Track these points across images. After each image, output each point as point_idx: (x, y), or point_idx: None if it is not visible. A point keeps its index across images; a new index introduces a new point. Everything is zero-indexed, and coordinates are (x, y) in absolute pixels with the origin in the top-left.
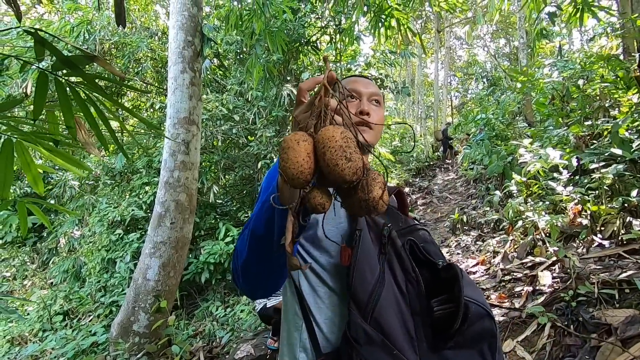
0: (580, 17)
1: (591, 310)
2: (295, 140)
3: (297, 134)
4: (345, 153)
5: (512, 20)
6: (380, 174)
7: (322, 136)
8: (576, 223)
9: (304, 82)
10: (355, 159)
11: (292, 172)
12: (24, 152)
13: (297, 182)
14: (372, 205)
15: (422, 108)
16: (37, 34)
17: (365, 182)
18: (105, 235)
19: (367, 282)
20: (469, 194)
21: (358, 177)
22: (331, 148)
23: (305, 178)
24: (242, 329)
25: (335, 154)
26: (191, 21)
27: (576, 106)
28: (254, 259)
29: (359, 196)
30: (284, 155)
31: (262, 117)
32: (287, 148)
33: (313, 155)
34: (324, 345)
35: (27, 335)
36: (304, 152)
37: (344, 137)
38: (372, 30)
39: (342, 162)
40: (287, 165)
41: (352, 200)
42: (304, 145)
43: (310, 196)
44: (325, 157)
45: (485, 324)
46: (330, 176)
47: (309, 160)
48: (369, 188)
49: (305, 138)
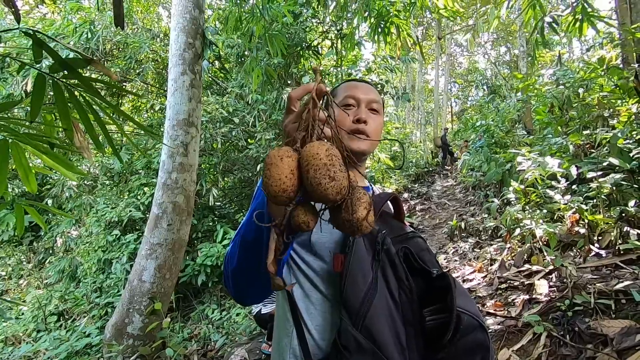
0: (580, 27)
1: (587, 320)
2: (279, 157)
3: (281, 149)
4: (329, 172)
5: (513, 29)
6: (366, 193)
7: (307, 153)
8: (573, 232)
9: (294, 90)
10: (339, 177)
11: (274, 189)
12: (19, 152)
13: (280, 200)
14: (355, 226)
15: (422, 114)
16: (36, 35)
17: (350, 201)
18: (102, 236)
19: (359, 289)
20: (467, 200)
21: (342, 197)
22: (314, 166)
23: (288, 196)
24: (237, 332)
25: (319, 172)
26: (192, 24)
27: (575, 115)
28: (243, 267)
29: (343, 216)
30: (266, 172)
31: (262, 120)
32: (270, 164)
33: (297, 172)
34: (315, 352)
35: (21, 335)
36: (287, 169)
37: (328, 154)
38: (372, 35)
39: (325, 182)
40: (269, 182)
41: (338, 218)
42: (287, 162)
43: (294, 214)
44: (309, 175)
45: (478, 336)
46: (314, 195)
47: (292, 178)
48: (353, 208)
49: (290, 154)
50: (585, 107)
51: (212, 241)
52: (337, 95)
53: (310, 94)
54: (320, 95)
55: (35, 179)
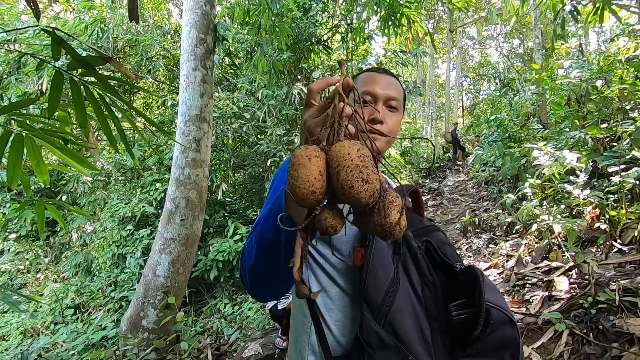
0: (600, 15)
1: (612, 318)
2: (307, 157)
3: (308, 148)
4: (362, 174)
5: (527, 20)
6: (398, 195)
7: (337, 153)
8: (594, 228)
9: (315, 83)
10: (372, 180)
11: (303, 192)
12: (33, 147)
13: (308, 203)
14: (388, 231)
15: (433, 109)
16: (54, 33)
17: (382, 205)
18: (116, 231)
19: (381, 284)
20: (480, 196)
21: (374, 200)
22: (346, 167)
23: (317, 198)
24: (249, 327)
25: (351, 174)
26: (204, 19)
27: (594, 108)
28: (261, 265)
29: (375, 220)
30: (293, 173)
31: (272, 116)
32: (298, 165)
33: (326, 173)
34: (334, 349)
35: (40, 327)
36: (316, 170)
37: (360, 155)
38: (383, 28)
39: (358, 185)
40: (297, 184)
41: (367, 222)
42: (315, 162)
43: (321, 217)
44: (340, 177)
45: (508, 331)
46: (344, 198)
47: (320, 179)
48: (385, 212)
49: (317, 154)
50: (604, 99)
51: (223, 236)
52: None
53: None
54: (347, 90)
55: (47, 171)
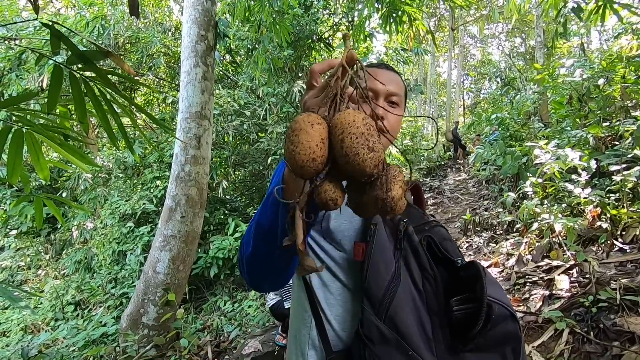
0: (602, 14)
1: (613, 317)
2: (309, 122)
3: (310, 115)
4: (368, 142)
5: (529, 19)
6: (401, 170)
7: (341, 120)
8: (595, 226)
9: (317, 64)
10: (377, 149)
11: (303, 158)
12: (33, 143)
13: (307, 172)
14: (390, 206)
15: (434, 107)
16: (54, 27)
17: (385, 178)
18: (116, 228)
19: (382, 279)
20: (480, 194)
21: (378, 172)
22: (351, 134)
23: (317, 167)
24: (249, 324)
25: (357, 141)
26: (205, 15)
27: (595, 107)
28: (258, 254)
29: (376, 194)
30: (293, 138)
31: (272, 114)
32: (299, 130)
33: (327, 142)
34: (335, 343)
35: (40, 323)
36: (318, 137)
37: (366, 123)
38: (384, 26)
39: (363, 152)
40: (297, 150)
41: (366, 198)
42: (318, 129)
43: (321, 190)
44: (344, 145)
45: (509, 326)
46: (348, 166)
47: (322, 147)
48: (388, 186)
49: (320, 121)
50: (605, 98)
51: (223, 234)
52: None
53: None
54: (351, 63)
55: (47, 167)
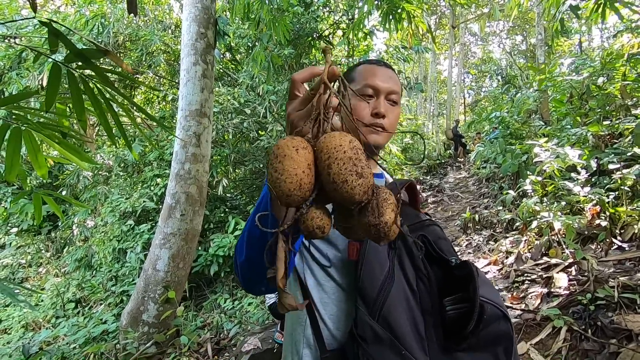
0: (602, 12)
1: (610, 314)
2: (294, 147)
3: (294, 139)
4: (356, 167)
5: (530, 17)
6: (391, 193)
7: (327, 144)
8: (594, 225)
9: (298, 73)
10: (366, 174)
11: (289, 187)
12: (31, 140)
13: (294, 200)
14: (382, 232)
15: (435, 105)
16: (52, 25)
17: (376, 203)
18: (116, 226)
19: (376, 278)
20: (481, 192)
21: (368, 197)
22: (338, 160)
23: (304, 195)
24: (249, 321)
25: (344, 167)
26: (204, 13)
27: (596, 105)
28: (251, 262)
29: (368, 220)
30: (277, 166)
31: (273, 112)
32: (283, 156)
33: (314, 167)
34: (329, 342)
35: (41, 321)
36: (304, 163)
37: (353, 147)
38: (384, 23)
39: (352, 179)
40: (282, 178)
41: (355, 222)
42: (303, 154)
43: (308, 217)
44: (331, 171)
45: (502, 326)
46: (336, 194)
47: (309, 173)
48: (380, 211)
49: (305, 145)
50: (606, 96)
51: (224, 232)
52: (355, 80)
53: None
54: (333, 79)
55: (45, 164)
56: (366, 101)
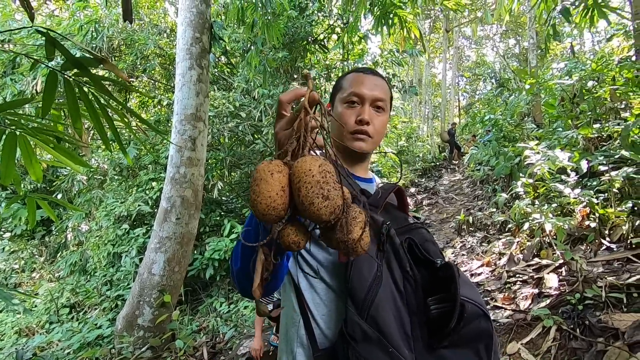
0: (591, 18)
1: (598, 314)
2: (269, 172)
3: (271, 163)
4: (323, 190)
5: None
6: (361, 211)
7: (298, 169)
8: (584, 226)
9: (285, 94)
10: (333, 196)
11: (263, 207)
12: (26, 145)
13: (269, 219)
14: (351, 247)
15: (430, 108)
16: (48, 34)
17: (345, 221)
18: (111, 230)
19: (365, 280)
20: (475, 195)
21: (336, 217)
22: (307, 184)
23: (278, 214)
24: (245, 325)
25: (311, 190)
26: (199, 18)
27: (586, 108)
28: (246, 269)
29: (338, 237)
30: (255, 188)
31: (268, 115)
32: (260, 180)
33: (288, 189)
34: (321, 341)
35: (35, 326)
36: (278, 186)
37: (322, 170)
38: (376, 28)
39: (318, 201)
40: (258, 200)
41: (330, 237)
42: (278, 177)
43: (284, 233)
44: (300, 194)
45: (482, 324)
46: (305, 214)
47: (283, 195)
48: (348, 228)
49: (280, 169)
50: (596, 100)
51: (219, 235)
52: (343, 88)
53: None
54: (313, 104)
55: (40, 169)
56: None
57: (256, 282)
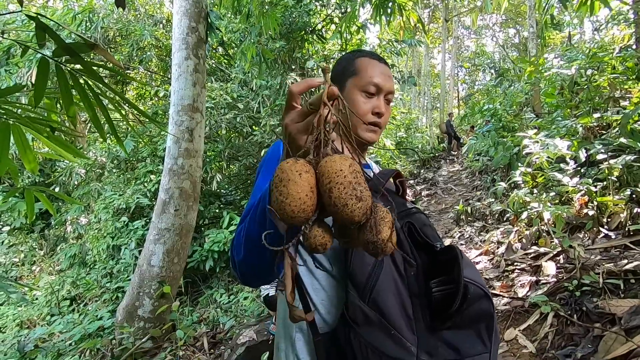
0: (591, 5)
1: (595, 300)
2: (297, 172)
3: (297, 163)
4: (356, 191)
5: (522, 10)
6: (388, 211)
7: (328, 169)
8: (582, 214)
9: (295, 85)
10: (365, 197)
11: (293, 209)
12: (20, 135)
13: (297, 221)
14: (380, 248)
15: (428, 99)
16: (39, 19)
17: (374, 222)
18: (110, 223)
19: (366, 264)
20: (474, 185)
21: (367, 217)
22: (339, 185)
23: (307, 216)
24: (245, 315)
25: (344, 192)
26: (195, 7)
27: (585, 97)
28: (249, 262)
29: (367, 238)
30: (282, 189)
31: (266, 106)
32: (287, 180)
33: (316, 189)
34: (321, 326)
35: (36, 319)
36: (307, 186)
37: (353, 170)
38: (375, 16)
39: (352, 202)
40: (286, 202)
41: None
42: (306, 178)
43: (311, 235)
44: (332, 195)
45: (483, 304)
46: (337, 216)
47: (312, 196)
48: (377, 229)
49: (307, 169)
50: (595, 88)
51: (218, 227)
52: (357, 71)
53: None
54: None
55: (35, 159)
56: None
57: (289, 287)
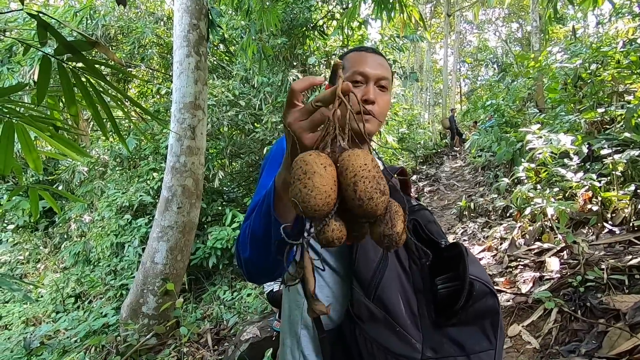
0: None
1: (599, 295)
2: (322, 164)
3: (320, 156)
4: (379, 185)
5: (525, 3)
6: (400, 205)
7: (352, 163)
8: (586, 210)
9: (297, 82)
10: (386, 191)
11: (318, 202)
12: (24, 134)
13: (320, 214)
14: (395, 240)
15: (431, 95)
16: (40, 17)
17: (390, 215)
18: (114, 220)
19: (371, 261)
20: (476, 181)
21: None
22: (364, 178)
23: (330, 210)
24: (248, 312)
25: (369, 185)
26: (196, 4)
27: (589, 92)
28: (255, 259)
29: (382, 231)
30: (307, 182)
31: (268, 103)
32: (313, 173)
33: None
34: (326, 323)
35: (41, 316)
36: (331, 180)
37: (375, 165)
38: (376, 12)
39: (377, 196)
40: (312, 194)
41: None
42: (330, 171)
43: (327, 229)
44: (357, 189)
45: (489, 301)
46: (360, 210)
47: (335, 190)
48: (392, 222)
49: (330, 162)
50: (599, 83)
51: (221, 224)
52: (345, 67)
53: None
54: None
55: (39, 158)
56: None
57: (311, 283)
